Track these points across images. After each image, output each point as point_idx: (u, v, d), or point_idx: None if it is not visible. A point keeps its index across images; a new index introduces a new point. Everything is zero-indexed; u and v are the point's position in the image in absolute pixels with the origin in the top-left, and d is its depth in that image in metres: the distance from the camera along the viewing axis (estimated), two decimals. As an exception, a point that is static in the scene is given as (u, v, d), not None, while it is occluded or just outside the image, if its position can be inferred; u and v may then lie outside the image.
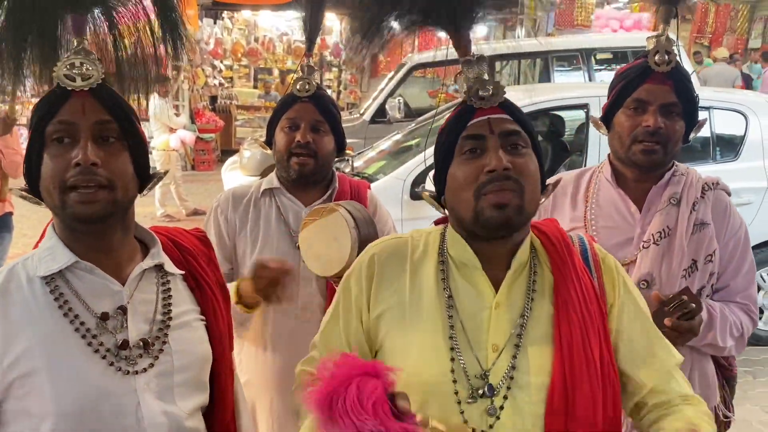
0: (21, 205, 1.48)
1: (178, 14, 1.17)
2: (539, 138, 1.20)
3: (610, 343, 1.11)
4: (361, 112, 7.54)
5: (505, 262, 1.12)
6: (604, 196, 1.69)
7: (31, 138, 1.06)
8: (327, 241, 1.60)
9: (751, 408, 3.53)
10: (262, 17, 13.18)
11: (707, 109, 4.05)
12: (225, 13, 12.79)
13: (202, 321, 1.19)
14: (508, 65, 8.96)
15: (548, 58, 7.65)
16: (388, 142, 5.01)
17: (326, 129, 1.81)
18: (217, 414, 1.20)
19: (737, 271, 1.63)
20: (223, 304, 1.24)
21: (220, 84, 12.49)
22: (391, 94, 7.11)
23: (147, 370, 1.07)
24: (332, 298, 1.71)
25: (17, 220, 3.93)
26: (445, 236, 1.18)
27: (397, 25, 1.21)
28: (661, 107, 1.55)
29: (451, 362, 1.07)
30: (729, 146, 4.27)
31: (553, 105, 4.48)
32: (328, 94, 1.89)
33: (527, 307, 1.10)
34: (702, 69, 10.71)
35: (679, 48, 1.63)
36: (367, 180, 3.65)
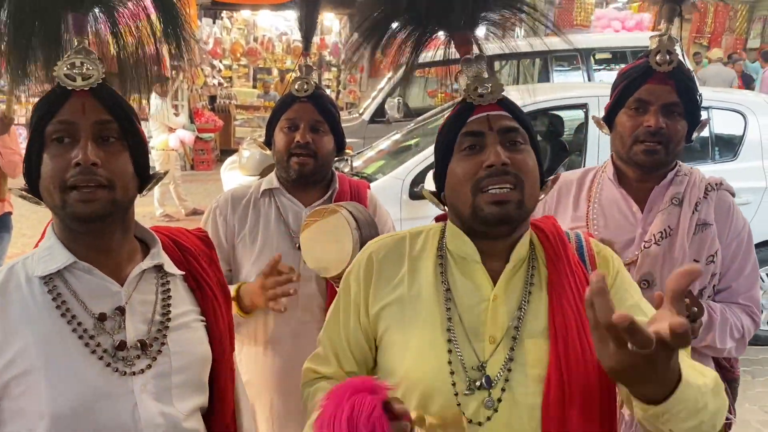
0: (20, 204, 1.48)
1: (180, 13, 1.16)
2: (538, 137, 1.20)
3: None
4: (360, 111, 7.54)
5: (504, 257, 1.14)
6: (607, 195, 1.69)
7: (30, 138, 1.05)
8: (328, 242, 1.59)
9: (750, 408, 3.53)
10: (262, 17, 13.18)
11: (706, 109, 4.04)
12: (224, 13, 12.79)
13: (202, 322, 1.19)
14: (507, 65, 8.95)
15: (547, 58, 7.65)
16: (387, 142, 5.01)
17: (325, 129, 1.80)
18: (217, 415, 1.19)
19: (739, 272, 1.62)
20: (224, 305, 1.24)
21: (219, 84, 12.50)
22: (390, 94, 7.11)
23: (145, 371, 1.07)
24: (332, 298, 1.71)
25: (16, 220, 3.92)
26: (444, 232, 1.20)
27: (401, 27, 1.21)
28: (663, 107, 1.55)
29: (449, 354, 1.09)
30: (728, 146, 4.27)
31: (552, 105, 4.48)
32: (327, 94, 1.88)
33: (524, 300, 1.12)
34: (699, 69, 10.69)
35: (682, 48, 1.63)
36: (366, 180, 3.64)
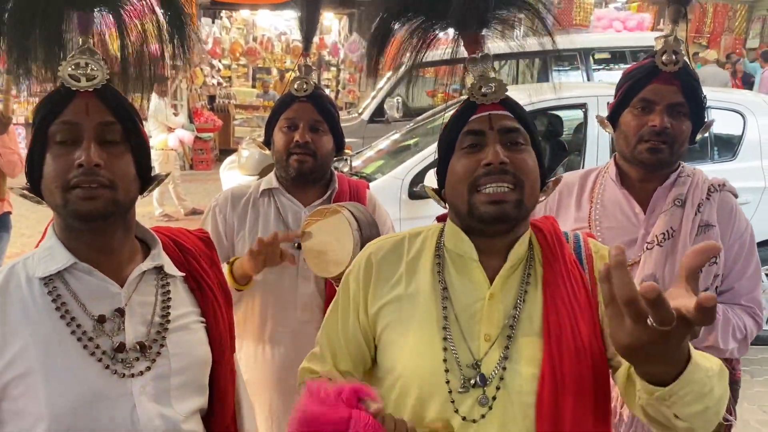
0: (19, 204, 1.47)
1: (185, 13, 1.16)
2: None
3: (599, 332, 1.12)
4: (360, 111, 7.54)
5: (503, 256, 1.14)
6: (609, 196, 1.68)
7: (33, 137, 1.05)
8: (329, 241, 1.59)
9: (749, 407, 3.53)
10: (261, 17, 13.18)
11: (705, 109, 4.04)
12: (223, 13, 12.79)
13: (202, 323, 1.19)
14: (506, 65, 8.94)
15: (547, 58, 7.64)
16: (386, 142, 5.00)
17: (325, 129, 1.81)
18: (217, 416, 1.19)
19: (742, 273, 1.62)
20: (225, 306, 1.24)
21: (219, 83, 12.50)
22: (389, 93, 7.11)
23: (144, 373, 1.06)
24: (331, 298, 1.71)
25: (15, 220, 3.91)
26: (443, 231, 1.21)
27: (409, 26, 1.21)
28: (668, 107, 1.55)
29: (444, 352, 1.09)
30: (727, 146, 4.27)
31: (551, 105, 4.47)
32: (326, 94, 1.89)
33: (520, 299, 1.12)
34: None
35: (687, 49, 1.62)
36: (366, 179, 3.64)
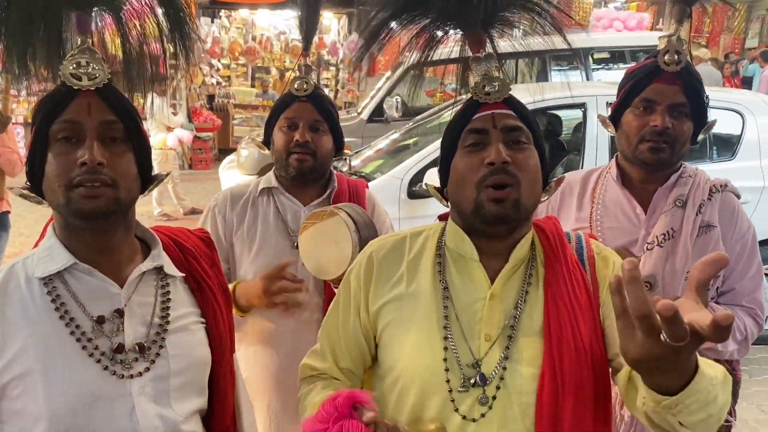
0: (18, 204, 1.47)
1: (185, 12, 1.16)
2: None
3: (600, 333, 1.12)
4: (359, 111, 7.53)
5: (504, 256, 1.15)
6: (611, 196, 1.68)
7: (34, 136, 1.05)
8: (327, 244, 1.59)
9: (747, 407, 3.53)
10: (260, 16, 13.18)
11: (704, 108, 4.05)
12: (222, 12, 12.78)
13: (202, 324, 1.18)
14: (505, 63, 8.93)
15: (546, 58, 7.64)
16: (385, 141, 5.00)
17: (324, 128, 1.81)
18: (217, 417, 1.19)
19: (743, 274, 1.62)
20: (225, 307, 1.23)
21: (218, 83, 12.49)
22: (388, 93, 7.11)
23: (143, 374, 1.06)
24: (330, 298, 1.71)
25: (14, 219, 3.91)
26: (444, 231, 1.21)
27: (413, 26, 1.21)
28: (670, 107, 1.54)
29: (444, 351, 1.09)
30: (726, 146, 4.27)
31: (550, 104, 4.47)
32: (325, 94, 1.89)
33: (521, 300, 1.12)
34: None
35: (690, 50, 1.61)
36: (365, 179, 3.64)
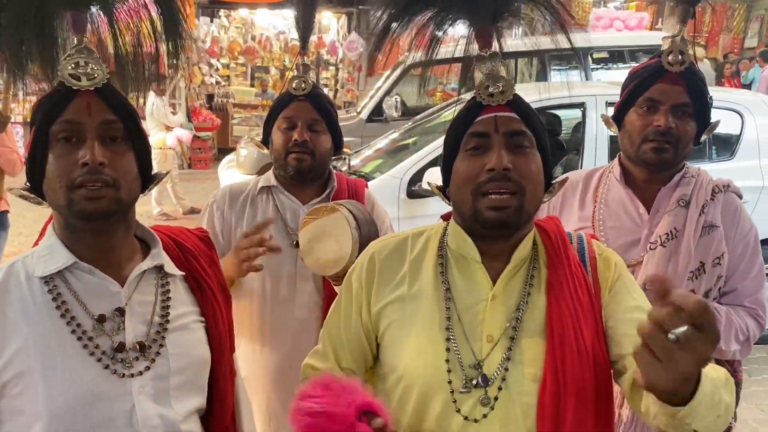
0: (17, 203, 1.47)
1: (179, 12, 1.16)
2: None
3: (602, 334, 1.12)
4: (358, 110, 7.53)
5: (506, 257, 1.14)
6: (613, 196, 1.68)
7: (34, 137, 1.05)
8: (327, 240, 1.59)
9: (747, 406, 3.54)
10: (259, 15, 13.16)
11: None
12: (222, 12, 12.77)
13: (201, 323, 1.18)
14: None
15: (545, 57, 7.64)
16: (384, 141, 5.01)
17: (323, 128, 1.81)
18: (216, 416, 1.19)
19: (746, 274, 1.62)
20: (224, 306, 1.23)
21: (217, 82, 12.49)
22: (388, 92, 7.11)
23: (143, 373, 1.06)
24: (329, 296, 1.71)
25: (13, 219, 3.91)
26: (446, 231, 1.21)
27: (420, 18, 1.20)
28: (673, 107, 1.54)
29: (447, 352, 1.09)
30: (725, 145, 4.27)
31: (549, 104, 4.48)
32: (324, 93, 1.89)
33: (523, 301, 1.12)
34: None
35: (694, 51, 1.61)
36: (364, 178, 3.63)
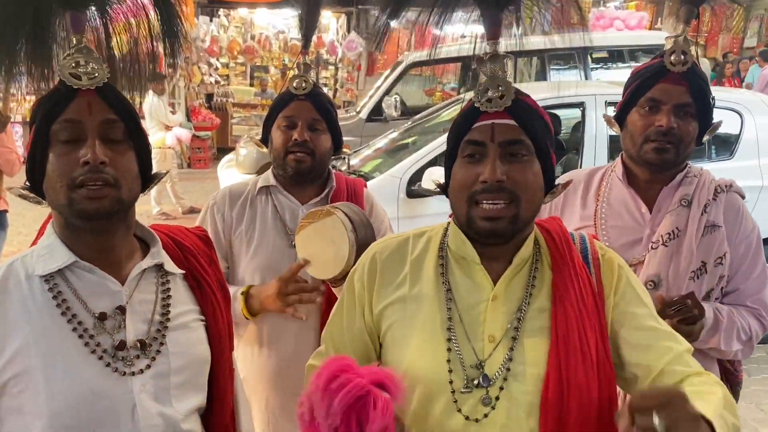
0: (16, 203, 1.47)
1: (176, 12, 1.16)
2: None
3: (606, 336, 1.12)
4: (358, 110, 7.54)
5: (507, 258, 1.14)
6: (616, 195, 1.68)
7: (34, 136, 1.05)
8: (324, 243, 1.59)
9: (746, 406, 3.54)
10: (259, 15, 13.16)
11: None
12: (221, 11, 12.76)
13: (201, 321, 1.18)
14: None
15: (544, 57, 7.64)
16: (384, 140, 5.01)
17: (323, 127, 1.80)
18: (216, 415, 1.19)
19: (748, 274, 1.62)
20: (224, 305, 1.23)
21: (216, 82, 12.48)
22: (387, 92, 7.11)
23: (144, 371, 1.06)
24: (329, 299, 1.71)
25: (13, 218, 3.91)
26: (447, 231, 1.20)
27: (426, 4, 1.17)
28: (675, 107, 1.54)
29: (448, 352, 1.10)
30: (724, 145, 4.27)
31: (549, 103, 4.48)
32: (324, 92, 1.89)
33: (525, 301, 1.12)
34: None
35: (697, 51, 1.61)
36: (363, 178, 3.63)
